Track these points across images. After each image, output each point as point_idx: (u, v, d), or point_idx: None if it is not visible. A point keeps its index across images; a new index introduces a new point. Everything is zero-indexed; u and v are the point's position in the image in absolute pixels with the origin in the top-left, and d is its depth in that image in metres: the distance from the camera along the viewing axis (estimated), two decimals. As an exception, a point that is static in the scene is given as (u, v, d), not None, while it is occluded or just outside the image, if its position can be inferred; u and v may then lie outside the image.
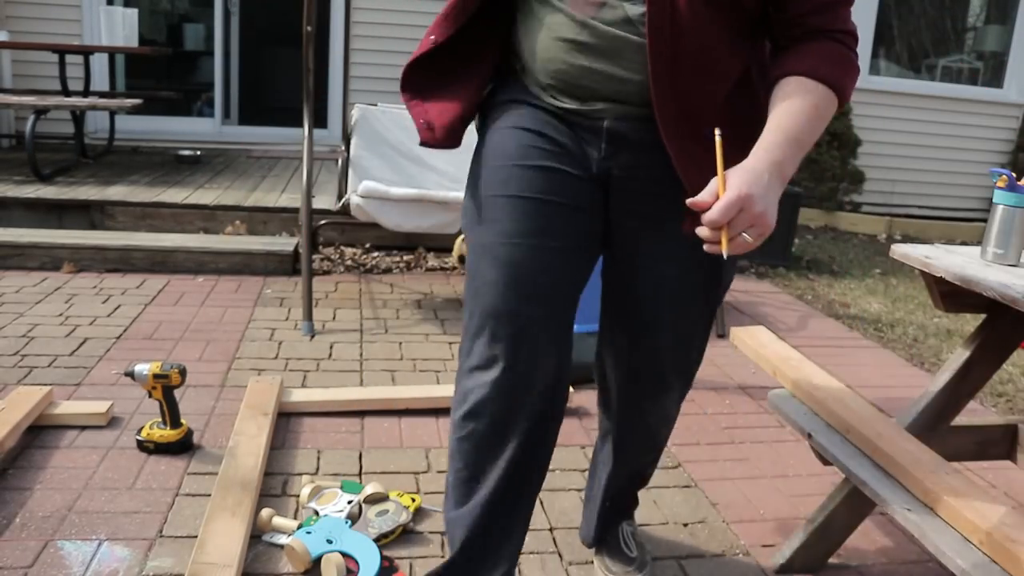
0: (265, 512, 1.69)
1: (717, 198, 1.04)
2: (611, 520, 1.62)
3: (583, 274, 1.29)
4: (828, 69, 1.12)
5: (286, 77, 6.47)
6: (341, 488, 1.82)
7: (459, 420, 1.27)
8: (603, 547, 1.63)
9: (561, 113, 1.24)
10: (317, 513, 1.73)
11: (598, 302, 1.46)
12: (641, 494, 1.93)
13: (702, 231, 1.05)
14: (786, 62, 1.15)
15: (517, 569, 1.62)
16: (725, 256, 1.05)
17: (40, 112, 3.97)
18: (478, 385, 1.23)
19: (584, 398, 2.46)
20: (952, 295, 1.61)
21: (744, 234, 1.04)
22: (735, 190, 1.03)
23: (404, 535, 1.71)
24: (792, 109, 1.10)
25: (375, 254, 3.83)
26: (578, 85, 1.20)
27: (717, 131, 1.08)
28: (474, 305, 1.25)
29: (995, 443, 1.79)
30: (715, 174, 1.06)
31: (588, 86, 1.19)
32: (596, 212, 1.27)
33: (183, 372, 1.98)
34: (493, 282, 1.21)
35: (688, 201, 1.07)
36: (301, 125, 3.14)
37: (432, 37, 1.25)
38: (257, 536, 1.67)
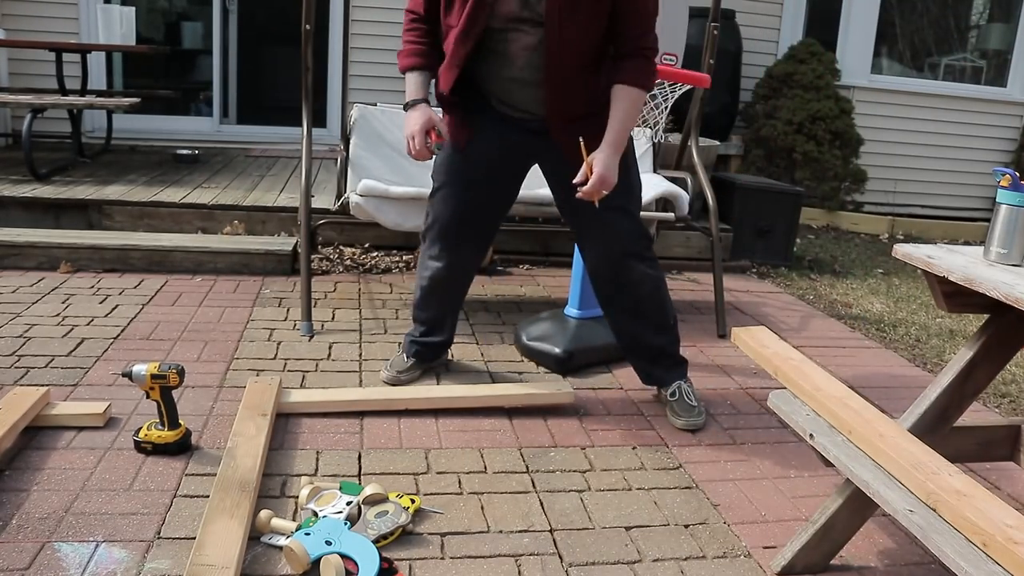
0: (264, 513, 1.68)
1: (586, 177, 2.00)
2: (654, 371, 2.38)
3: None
4: (639, 78, 2.03)
5: (285, 76, 6.46)
6: (340, 489, 1.81)
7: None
8: (669, 401, 2.35)
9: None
10: (316, 514, 1.72)
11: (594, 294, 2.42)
12: (641, 495, 1.93)
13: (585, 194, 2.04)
14: (616, 74, 2.03)
15: (518, 570, 1.62)
16: (597, 206, 2.06)
17: (37, 111, 3.96)
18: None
19: (585, 398, 2.45)
20: (955, 295, 1.60)
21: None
22: (597, 176, 1.98)
23: (403, 536, 1.70)
24: (621, 108, 2.02)
25: (374, 254, 3.82)
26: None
27: (581, 138, 2.01)
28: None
29: (998, 444, 1.78)
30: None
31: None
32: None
33: (181, 373, 1.97)
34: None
35: (576, 183, 2.04)
36: (300, 124, 3.13)
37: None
38: (256, 537, 1.66)
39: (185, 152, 4.81)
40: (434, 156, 2.16)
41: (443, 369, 2.61)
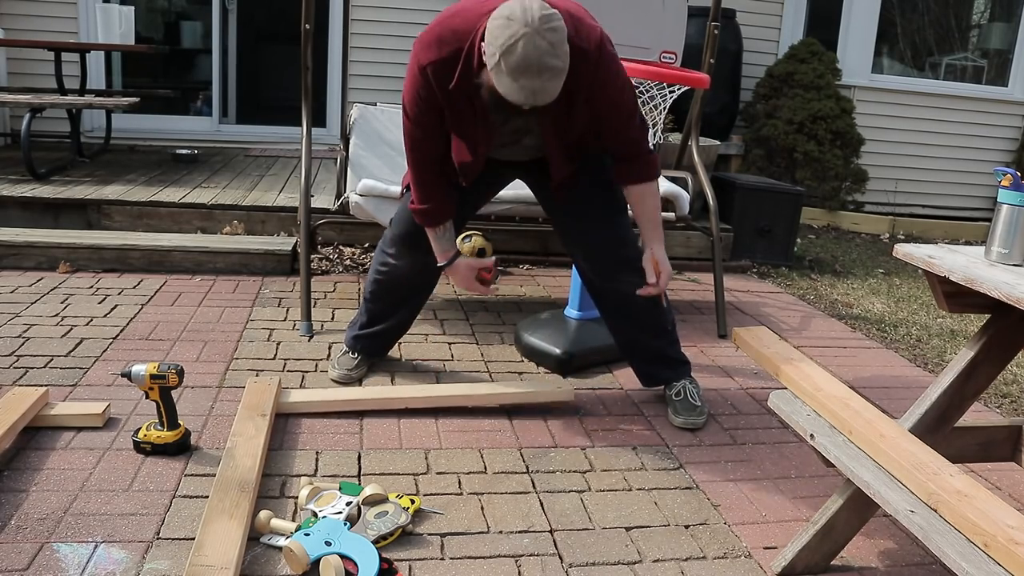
0: (263, 514, 1.67)
1: (655, 273, 2.19)
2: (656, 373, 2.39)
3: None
4: (648, 174, 2.14)
5: (284, 75, 6.46)
6: (340, 490, 1.81)
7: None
8: (672, 400, 2.34)
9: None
10: (315, 515, 1.72)
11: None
12: (641, 495, 1.92)
13: (652, 290, 2.19)
14: (624, 177, 2.15)
15: (518, 570, 1.61)
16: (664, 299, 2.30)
17: (36, 110, 3.95)
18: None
19: (585, 398, 2.45)
20: (956, 295, 1.60)
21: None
22: (665, 273, 2.17)
23: (403, 537, 1.70)
24: (647, 206, 2.16)
25: (374, 254, 3.82)
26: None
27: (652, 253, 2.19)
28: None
29: (999, 444, 1.78)
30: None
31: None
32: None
33: (180, 373, 1.97)
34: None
35: (649, 282, 2.19)
36: (299, 124, 3.12)
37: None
38: (255, 538, 1.66)
39: (184, 152, 4.80)
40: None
41: (442, 369, 2.61)
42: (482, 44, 1.82)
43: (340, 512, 1.72)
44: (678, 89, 2.78)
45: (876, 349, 3.17)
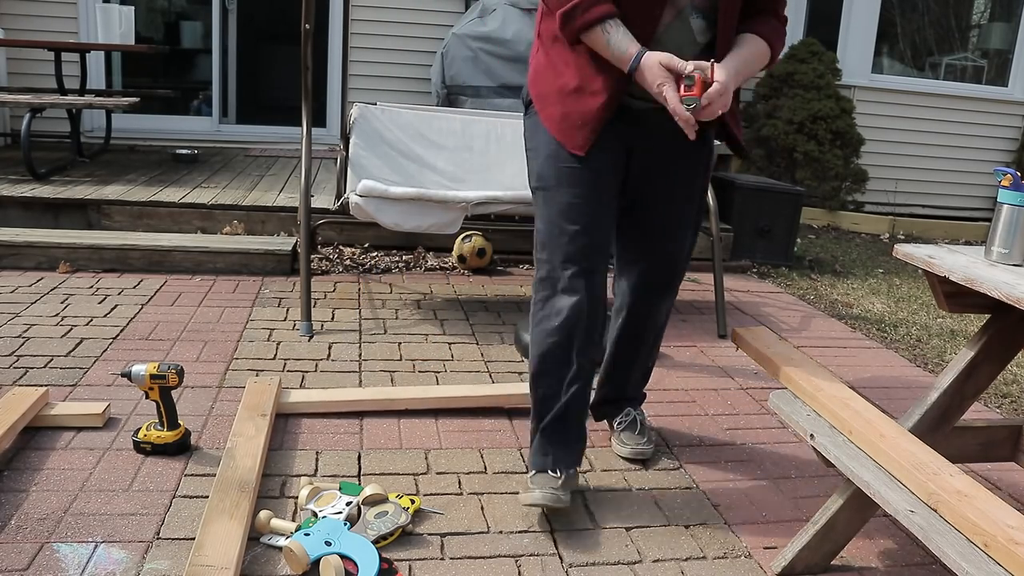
0: (263, 514, 1.67)
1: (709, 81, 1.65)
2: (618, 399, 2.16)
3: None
4: (770, 34, 1.80)
5: (284, 75, 6.46)
6: (340, 490, 1.81)
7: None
8: (620, 427, 2.14)
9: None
10: (315, 515, 1.72)
11: None
12: (641, 495, 1.92)
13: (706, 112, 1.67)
14: (750, 25, 1.80)
15: (518, 570, 1.61)
16: (691, 138, 1.66)
17: (36, 110, 3.95)
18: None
19: (584, 398, 2.45)
20: (956, 295, 1.60)
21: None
22: (719, 84, 1.63)
23: (403, 537, 1.70)
24: (747, 47, 1.76)
25: (374, 254, 3.82)
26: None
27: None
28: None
29: (999, 444, 1.78)
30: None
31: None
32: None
33: (180, 373, 1.97)
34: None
35: (697, 76, 1.63)
36: (299, 123, 3.12)
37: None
38: (255, 538, 1.66)
39: (184, 152, 4.80)
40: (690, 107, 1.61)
41: (442, 369, 2.61)
42: None
43: (340, 512, 1.72)
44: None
45: (876, 349, 3.17)
